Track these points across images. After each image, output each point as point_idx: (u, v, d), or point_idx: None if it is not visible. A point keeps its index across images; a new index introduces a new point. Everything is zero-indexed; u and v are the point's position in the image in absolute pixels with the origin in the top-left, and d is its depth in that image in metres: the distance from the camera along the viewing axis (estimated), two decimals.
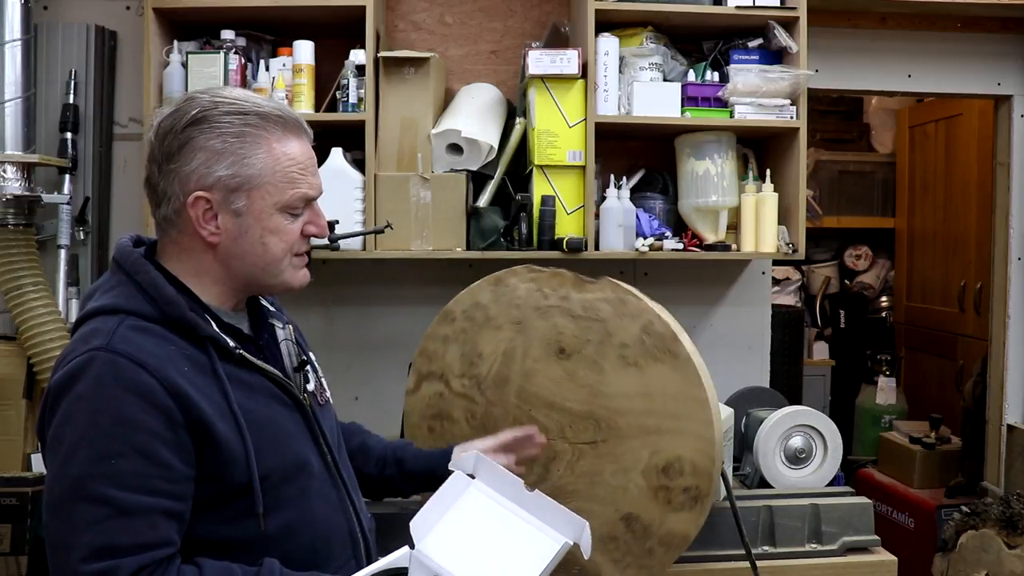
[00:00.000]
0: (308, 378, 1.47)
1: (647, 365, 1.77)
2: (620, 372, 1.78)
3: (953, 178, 4.19)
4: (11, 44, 2.46)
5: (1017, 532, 2.74)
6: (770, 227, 2.54)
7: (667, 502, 1.75)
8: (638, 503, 1.76)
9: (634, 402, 1.77)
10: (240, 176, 1.30)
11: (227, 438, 1.26)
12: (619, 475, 1.78)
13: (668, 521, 1.76)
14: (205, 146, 1.29)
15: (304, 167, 1.36)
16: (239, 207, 1.31)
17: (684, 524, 1.76)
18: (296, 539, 1.34)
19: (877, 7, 2.88)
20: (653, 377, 1.76)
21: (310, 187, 1.37)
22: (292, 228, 1.36)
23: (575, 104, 2.45)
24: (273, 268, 1.36)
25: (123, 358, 1.21)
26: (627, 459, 1.77)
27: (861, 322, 4.94)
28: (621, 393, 1.78)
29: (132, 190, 2.69)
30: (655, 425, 1.76)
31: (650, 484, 1.76)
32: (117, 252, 1.35)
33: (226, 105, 1.32)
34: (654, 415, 1.76)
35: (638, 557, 1.77)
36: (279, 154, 1.32)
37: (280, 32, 2.58)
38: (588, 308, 1.81)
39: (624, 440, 1.77)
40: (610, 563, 1.78)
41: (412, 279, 2.75)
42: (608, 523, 1.77)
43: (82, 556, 1.16)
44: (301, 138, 1.37)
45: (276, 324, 1.48)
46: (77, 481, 1.18)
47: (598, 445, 1.79)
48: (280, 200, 1.33)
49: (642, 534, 1.76)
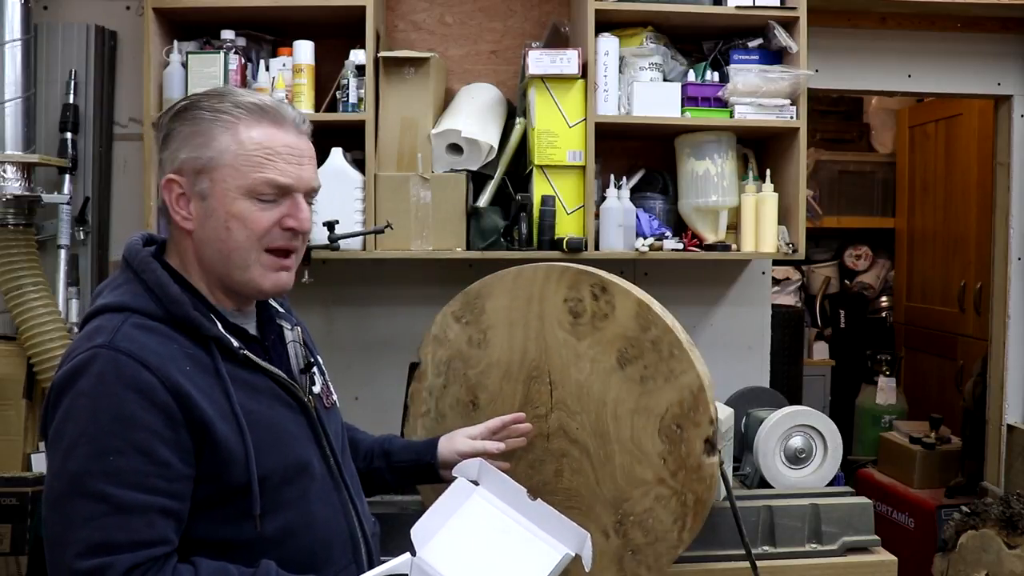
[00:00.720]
0: (315, 380, 1.47)
1: (484, 321, 1.88)
2: (490, 347, 1.88)
3: (953, 178, 4.19)
4: (11, 44, 2.46)
5: (1017, 532, 2.74)
6: (770, 227, 2.54)
7: (604, 317, 1.78)
8: (604, 347, 1.78)
9: (515, 337, 1.86)
10: (202, 158, 1.31)
11: (227, 438, 1.25)
12: (580, 364, 1.80)
13: (620, 318, 1.78)
14: (180, 132, 1.33)
15: (274, 153, 1.32)
16: (203, 188, 1.32)
17: (627, 303, 1.77)
18: (295, 541, 1.33)
19: (877, 7, 2.88)
20: (495, 318, 1.88)
21: (280, 173, 1.32)
22: (259, 216, 1.32)
23: (575, 104, 2.45)
24: (237, 259, 1.33)
25: (125, 355, 1.22)
26: (565, 352, 1.82)
27: (861, 322, 4.94)
28: (507, 349, 1.87)
29: (132, 190, 2.69)
30: (536, 319, 1.83)
31: (588, 333, 1.80)
32: (126, 250, 1.36)
33: (211, 96, 1.34)
34: (527, 320, 1.84)
35: (659, 356, 1.75)
36: (244, 138, 1.31)
37: (280, 32, 2.58)
38: (437, 369, 1.93)
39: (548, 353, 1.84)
40: (667, 387, 1.75)
41: (412, 279, 2.75)
42: (627, 383, 1.77)
43: (78, 552, 1.16)
44: (283, 129, 1.34)
45: (285, 325, 1.48)
46: (75, 477, 1.18)
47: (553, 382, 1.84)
48: (243, 184, 1.31)
49: (636, 348, 1.76)
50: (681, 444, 1.73)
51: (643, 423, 1.76)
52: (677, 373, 1.74)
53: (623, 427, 1.78)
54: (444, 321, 1.93)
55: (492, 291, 1.88)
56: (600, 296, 1.79)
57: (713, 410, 1.73)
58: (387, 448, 1.73)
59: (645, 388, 1.76)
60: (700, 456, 1.72)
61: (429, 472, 1.72)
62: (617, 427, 1.78)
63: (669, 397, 1.74)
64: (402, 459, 1.72)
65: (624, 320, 1.77)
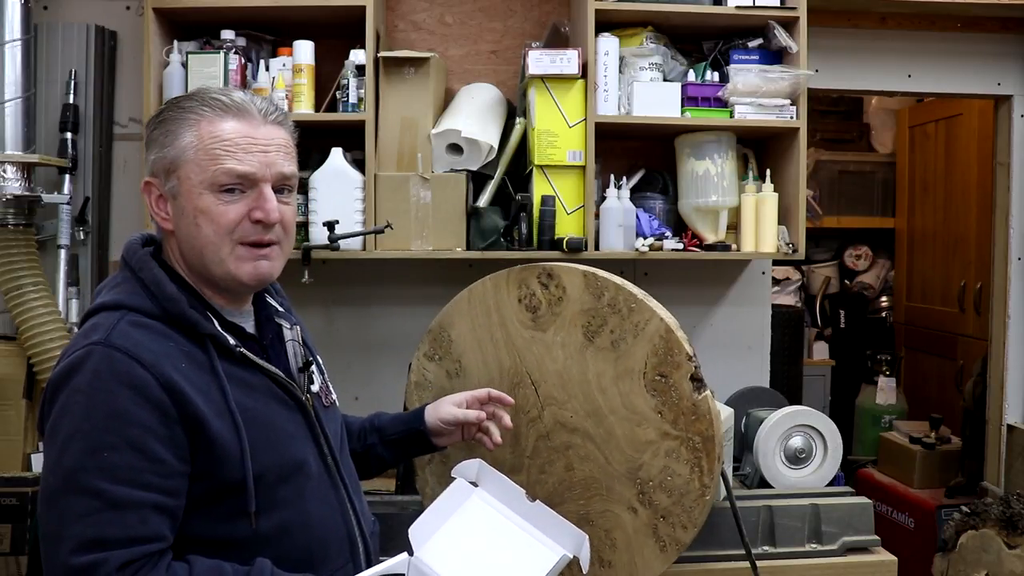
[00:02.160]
0: (313, 379, 1.47)
1: (455, 350, 1.91)
2: (467, 375, 1.90)
3: (953, 178, 4.19)
4: (11, 44, 2.46)
5: (1017, 532, 2.74)
6: (770, 227, 2.54)
7: (559, 301, 1.82)
8: (568, 328, 1.81)
9: (487, 353, 1.89)
10: (167, 157, 1.32)
11: (222, 435, 1.26)
12: (553, 351, 1.84)
13: (573, 295, 1.81)
14: (154, 135, 1.35)
15: (231, 144, 1.31)
16: (173, 187, 1.33)
17: (574, 278, 1.81)
18: (291, 540, 1.33)
19: (877, 7, 2.88)
20: (462, 344, 1.91)
21: (238, 163, 1.30)
22: (224, 210, 1.31)
23: (575, 104, 2.45)
24: (210, 253, 1.32)
25: (119, 352, 1.22)
26: (536, 349, 1.86)
27: (861, 322, 4.94)
28: (483, 367, 1.89)
29: (132, 190, 2.69)
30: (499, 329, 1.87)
31: (550, 323, 1.82)
32: (124, 250, 1.37)
33: (183, 98, 1.36)
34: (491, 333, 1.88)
35: (621, 314, 1.78)
36: (205, 132, 1.31)
37: (280, 32, 2.58)
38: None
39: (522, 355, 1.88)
40: (637, 340, 1.77)
41: (412, 279, 2.75)
42: (600, 353, 1.79)
43: (72, 548, 1.16)
44: (245, 120, 1.33)
45: (283, 324, 1.48)
46: (70, 473, 1.19)
47: (534, 380, 1.85)
48: (204, 178, 1.30)
49: (596, 312, 1.79)
50: (670, 391, 1.75)
51: (629, 386, 1.77)
52: (642, 325, 1.76)
53: (612, 397, 1.79)
54: (419, 365, 1.96)
55: (452, 320, 1.91)
56: (548, 283, 1.82)
57: (688, 348, 1.75)
58: (377, 424, 1.74)
59: (618, 352, 1.78)
60: (692, 395, 1.74)
61: (421, 440, 1.72)
62: (607, 399, 1.79)
63: (644, 349, 1.76)
64: (394, 431, 1.73)
65: (577, 296, 1.80)
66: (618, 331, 1.77)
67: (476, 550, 1.38)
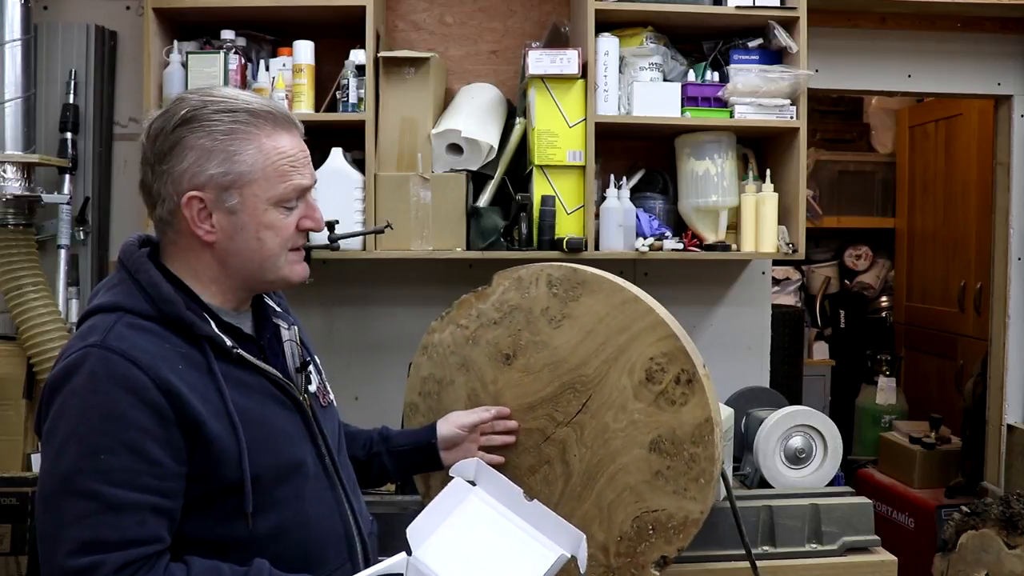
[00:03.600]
0: (311, 379, 1.47)
1: (571, 309, 1.78)
2: (558, 333, 1.79)
3: (953, 178, 4.19)
4: (11, 44, 2.46)
5: (1017, 532, 2.74)
6: (770, 227, 2.54)
7: (671, 403, 1.73)
8: (651, 425, 1.74)
9: (586, 346, 1.78)
10: (232, 173, 1.30)
11: (219, 436, 1.25)
12: (620, 415, 1.76)
13: (684, 419, 1.73)
14: (195, 145, 1.30)
15: (295, 160, 1.35)
16: (233, 204, 1.31)
17: (698, 411, 1.72)
18: (289, 540, 1.33)
19: (877, 7, 2.88)
20: (582, 315, 1.78)
21: (302, 177, 1.36)
22: (287, 223, 1.35)
23: (575, 104, 2.45)
24: (270, 264, 1.36)
25: (116, 354, 1.22)
26: (615, 396, 1.76)
27: (861, 322, 4.94)
28: (571, 348, 1.79)
29: (132, 190, 2.66)
30: (614, 350, 1.76)
31: (647, 400, 1.74)
32: (121, 251, 1.37)
33: (215, 103, 1.32)
34: (606, 343, 1.76)
35: (687, 472, 1.73)
36: (269, 149, 1.32)
37: (280, 32, 2.58)
38: (500, 307, 1.84)
39: (602, 383, 1.77)
40: (671, 497, 1.73)
41: (412, 279, 2.75)
42: (644, 464, 1.74)
43: (68, 550, 1.16)
44: (292, 133, 1.37)
45: (281, 324, 1.48)
46: (67, 475, 1.19)
47: (587, 406, 1.78)
48: (273, 195, 1.33)
49: (674, 449, 1.73)
50: (638, 547, 1.74)
51: (628, 502, 1.75)
52: (684, 498, 1.72)
53: (610, 490, 1.77)
54: (536, 276, 1.83)
55: (595, 291, 1.79)
56: (682, 384, 1.73)
57: (685, 543, 1.73)
58: (385, 434, 1.75)
59: (653, 482, 1.74)
60: (649, 567, 1.74)
61: (429, 453, 1.73)
62: (606, 486, 1.77)
63: (664, 505, 1.73)
64: (402, 443, 1.74)
65: (685, 418, 1.73)
66: (671, 475, 1.73)
67: (474, 550, 1.38)
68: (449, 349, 1.89)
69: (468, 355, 1.86)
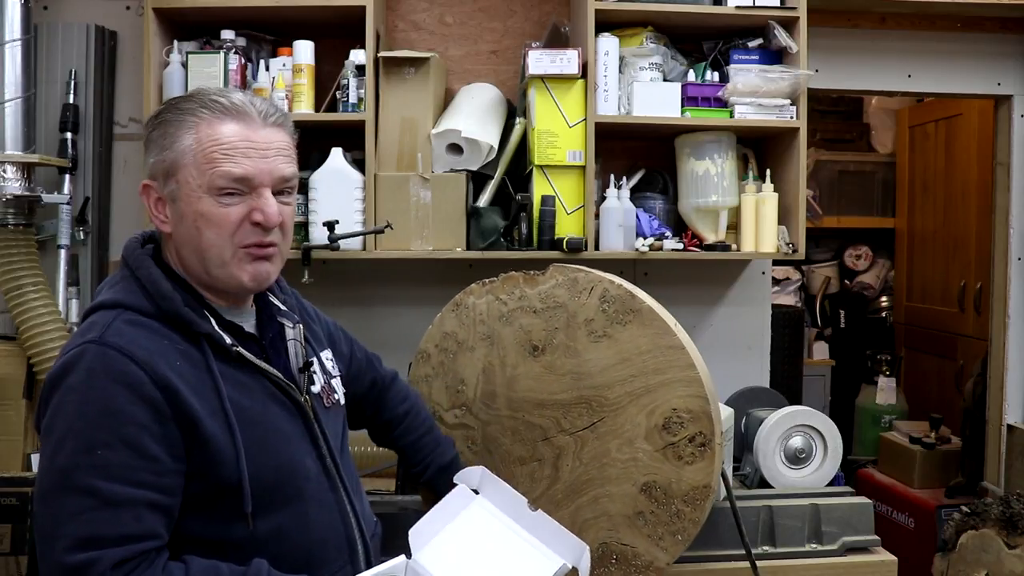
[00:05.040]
0: (314, 380, 1.46)
1: (616, 332, 1.76)
2: (594, 348, 1.77)
3: (953, 178, 4.19)
4: (11, 44, 2.46)
5: (1017, 532, 2.74)
6: (770, 227, 2.54)
7: (678, 458, 1.72)
8: (651, 469, 1.74)
9: (616, 372, 1.76)
10: (166, 160, 1.32)
11: (215, 436, 1.25)
12: (624, 448, 1.75)
13: (684, 476, 1.72)
14: (152, 137, 1.34)
15: (231, 148, 1.30)
16: (172, 191, 1.32)
17: (701, 474, 1.72)
18: (289, 541, 1.33)
19: (877, 7, 2.88)
20: (625, 341, 1.75)
21: (235, 166, 1.29)
22: (225, 212, 1.30)
23: (575, 104, 2.45)
24: (212, 257, 1.32)
25: (113, 350, 1.22)
26: (627, 429, 1.75)
27: (861, 322, 4.94)
28: (601, 367, 1.77)
29: (132, 190, 2.69)
30: (642, 386, 1.74)
31: (656, 446, 1.73)
32: (124, 249, 1.38)
33: (182, 100, 1.35)
34: (638, 377, 1.74)
35: (668, 524, 1.74)
36: (203, 135, 1.30)
37: (280, 32, 2.58)
38: (546, 299, 1.82)
39: (619, 412, 1.76)
40: (644, 539, 1.74)
41: (412, 279, 2.75)
42: (630, 500, 1.75)
43: (66, 546, 1.16)
44: (245, 123, 1.32)
45: (286, 323, 1.47)
46: (64, 471, 1.19)
47: (596, 426, 1.78)
48: (203, 181, 1.30)
49: (664, 499, 1.74)
50: (595, 571, 1.73)
51: (602, 527, 1.76)
52: (657, 546, 1.73)
53: (589, 510, 1.77)
54: (592, 284, 1.78)
55: (646, 324, 1.74)
56: (695, 444, 1.72)
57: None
58: (443, 464, 1.76)
59: (633, 520, 1.75)
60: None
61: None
62: (587, 505, 1.77)
63: (635, 543, 1.74)
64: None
65: (686, 476, 1.73)
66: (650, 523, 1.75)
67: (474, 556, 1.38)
68: (480, 317, 1.87)
69: (497, 331, 1.85)
